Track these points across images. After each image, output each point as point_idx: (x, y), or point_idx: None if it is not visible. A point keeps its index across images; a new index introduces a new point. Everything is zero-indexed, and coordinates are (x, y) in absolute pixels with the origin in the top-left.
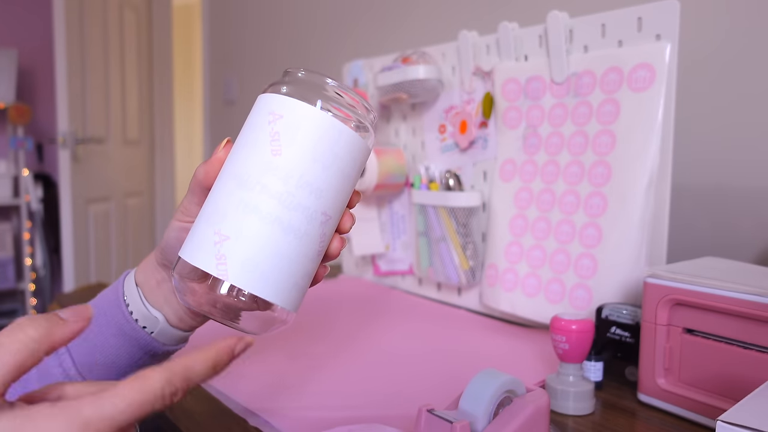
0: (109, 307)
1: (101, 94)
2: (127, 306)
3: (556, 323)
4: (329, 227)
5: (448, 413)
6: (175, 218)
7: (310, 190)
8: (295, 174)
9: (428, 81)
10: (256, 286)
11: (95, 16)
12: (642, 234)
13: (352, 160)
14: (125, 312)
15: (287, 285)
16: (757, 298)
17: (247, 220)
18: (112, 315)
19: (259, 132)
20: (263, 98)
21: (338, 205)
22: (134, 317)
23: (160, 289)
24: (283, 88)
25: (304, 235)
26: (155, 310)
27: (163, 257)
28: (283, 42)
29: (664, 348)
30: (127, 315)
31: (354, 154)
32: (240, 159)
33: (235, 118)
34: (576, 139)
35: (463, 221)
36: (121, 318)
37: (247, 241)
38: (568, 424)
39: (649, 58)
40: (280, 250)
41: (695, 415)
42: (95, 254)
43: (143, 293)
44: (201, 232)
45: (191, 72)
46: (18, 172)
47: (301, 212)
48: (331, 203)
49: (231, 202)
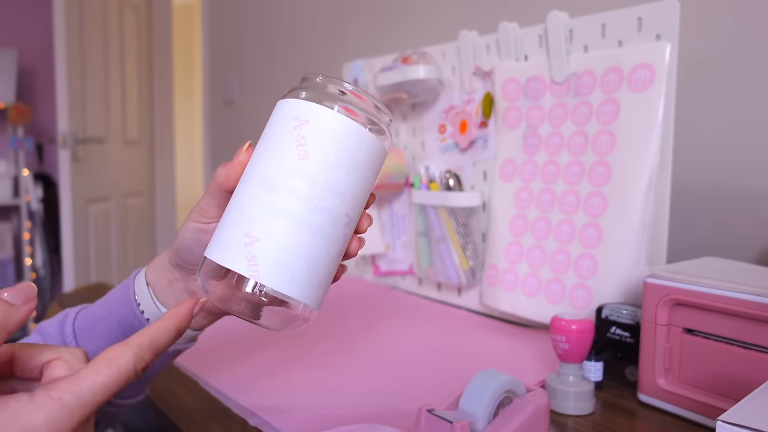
0: (119, 306)
1: (101, 94)
2: (138, 305)
3: (556, 323)
4: (350, 228)
5: (448, 413)
6: (190, 219)
7: (335, 193)
8: (321, 178)
9: (428, 81)
10: (285, 285)
11: (95, 17)
12: (642, 234)
13: (371, 163)
14: (136, 311)
15: (313, 284)
16: (757, 298)
17: (276, 222)
18: (123, 314)
19: (283, 137)
20: (285, 103)
21: (358, 206)
22: (145, 316)
23: (171, 289)
24: (303, 94)
25: (329, 236)
26: (166, 310)
27: (177, 257)
28: (283, 42)
29: (664, 348)
30: (139, 314)
31: (373, 157)
32: (265, 162)
33: (235, 118)
34: (576, 139)
35: (463, 221)
36: (132, 317)
37: (277, 243)
38: (568, 424)
39: (649, 58)
40: (308, 251)
41: (695, 415)
42: (95, 254)
43: (154, 293)
44: (229, 233)
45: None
46: (18, 172)
47: (326, 214)
48: (353, 205)
49: (258, 204)
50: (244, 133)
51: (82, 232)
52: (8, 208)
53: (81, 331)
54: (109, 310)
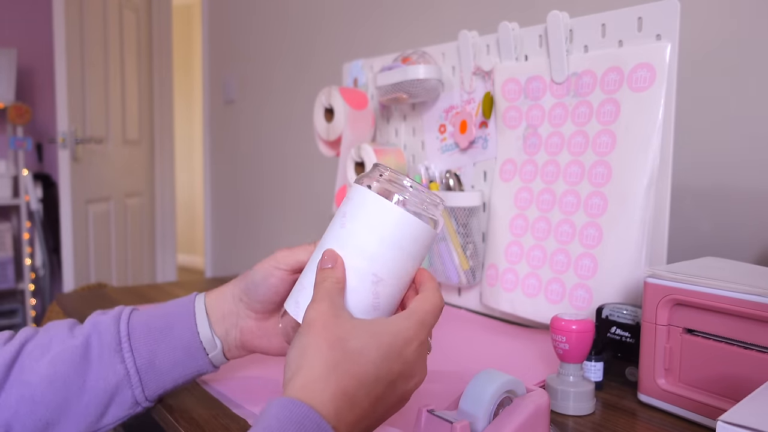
0: (181, 325)
1: (101, 93)
2: (196, 325)
3: (556, 323)
4: (382, 287)
5: (448, 413)
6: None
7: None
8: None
9: (428, 81)
10: None
11: (95, 16)
12: (642, 234)
13: (412, 239)
14: (195, 332)
15: None
16: (758, 298)
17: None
18: (180, 331)
19: (338, 212)
20: (353, 187)
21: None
22: (200, 339)
23: (223, 321)
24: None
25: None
26: (217, 338)
27: (244, 293)
28: (283, 42)
29: (664, 348)
30: (197, 336)
31: (415, 234)
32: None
33: (234, 118)
34: (576, 139)
35: (463, 221)
36: (190, 337)
37: None
38: (568, 425)
39: (649, 58)
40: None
41: (695, 415)
42: (95, 254)
43: (210, 321)
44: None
45: (191, 72)
46: (18, 172)
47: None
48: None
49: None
50: (243, 133)
51: (81, 232)
52: (8, 208)
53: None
54: (167, 323)
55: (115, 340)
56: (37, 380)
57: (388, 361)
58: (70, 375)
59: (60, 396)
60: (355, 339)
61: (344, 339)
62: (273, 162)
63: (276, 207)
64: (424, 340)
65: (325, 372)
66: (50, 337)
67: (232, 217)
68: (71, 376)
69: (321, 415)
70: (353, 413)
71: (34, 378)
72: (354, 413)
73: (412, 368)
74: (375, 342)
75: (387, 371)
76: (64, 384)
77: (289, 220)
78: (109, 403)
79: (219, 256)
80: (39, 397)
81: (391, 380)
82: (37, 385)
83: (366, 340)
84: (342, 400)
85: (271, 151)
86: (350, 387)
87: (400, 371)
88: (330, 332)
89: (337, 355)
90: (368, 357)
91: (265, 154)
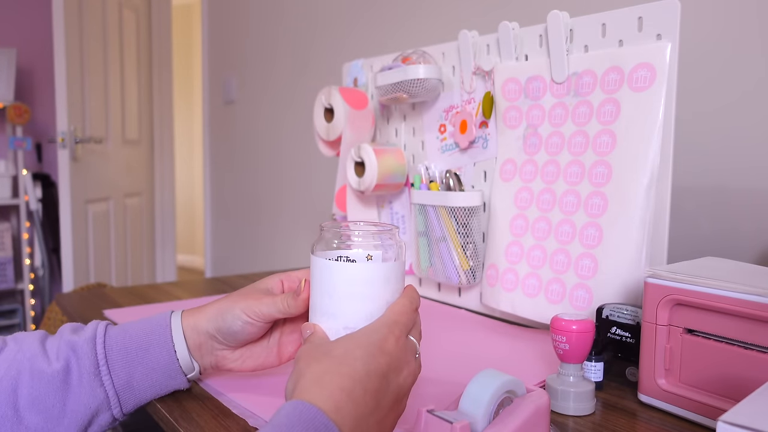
0: (158, 348)
1: (100, 93)
2: (175, 352)
3: (556, 323)
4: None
5: (448, 413)
6: (244, 311)
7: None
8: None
9: (428, 81)
10: None
11: (94, 16)
12: (642, 234)
13: (362, 282)
14: (173, 356)
15: None
16: (758, 298)
17: None
18: (158, 354)
19: None
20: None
21: (361, 316)
22: (179, 363)
23: (199, 349)
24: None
25: None
26: (195, 362)
27: (218, 333)
28: (283, 42)
29: (664, 348)
30: (175, 361)
31: (362, 277)
32: None
33: (234, 118)
34: (576, 139)
35: (463, 221)
36: (168, 360)
37: None
38: (569, 425)
39: (649, 57)
40: None
41: (696, 415)
42: (94, 254)
43: (188, 346)
44: None
45: (191, 72)
46: (17, 172)
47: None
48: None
49: None
50: (243, 133)
51: (81, 232)
52: (7, 207)
53: (112, 355)
54: (142, 346)
55: (93, 363)
56: (22, 404)
57: (372, 356)
58: (50, 400)
59: (41, 418)
60: (337, 348)
61: (328, 351)
62: (273, 162)
63: (276, 207)
64: (400, 335)
65: (319, 376)
66: (26, 357)
67: (232, 217)
68: (51, 400)
69: (320, 409)
70: (357, 409)
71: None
72: (357, 409)
73: (398, 360)
74: (354, 344)
75: (375, 365)
76: (45, 408)
77: (288, 220)
78: (89, 423)
79: (219, 256)
80: (23, 419)
81: (382, 372)
82: (21, 408)
83: (347, 345)
84: (339, 396)
85: (271, 151)
86: (346, 384)
87: (388, 363)
88: (316, 351)
89: (325, 362)
90: (353, 355)
91: (265, 154)
